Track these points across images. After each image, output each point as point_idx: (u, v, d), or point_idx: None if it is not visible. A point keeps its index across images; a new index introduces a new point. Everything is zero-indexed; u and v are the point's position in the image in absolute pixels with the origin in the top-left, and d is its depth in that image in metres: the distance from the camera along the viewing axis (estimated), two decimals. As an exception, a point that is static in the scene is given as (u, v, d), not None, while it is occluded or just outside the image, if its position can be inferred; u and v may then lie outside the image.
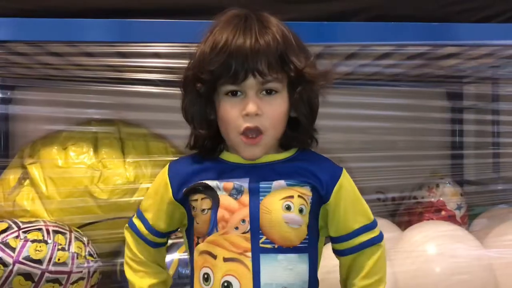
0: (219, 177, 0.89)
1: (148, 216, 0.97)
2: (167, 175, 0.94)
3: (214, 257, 0.87)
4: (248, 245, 0.86)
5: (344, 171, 0.94)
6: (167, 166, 0.96)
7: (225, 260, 0.86)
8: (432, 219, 1.74)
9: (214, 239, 0.87)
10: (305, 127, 0.92)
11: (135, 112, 1.65)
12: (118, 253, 1.51)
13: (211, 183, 0.89)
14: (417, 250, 1.43)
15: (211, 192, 0.89)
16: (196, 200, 0.90)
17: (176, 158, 0.99)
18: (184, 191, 0.91)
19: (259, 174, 0.89)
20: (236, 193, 0.88)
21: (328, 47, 1.36)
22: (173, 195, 0.93)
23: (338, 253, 0.97)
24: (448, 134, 2.09)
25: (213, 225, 0.88)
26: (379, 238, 0.96)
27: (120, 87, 1.48)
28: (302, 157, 0.94)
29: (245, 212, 0.87)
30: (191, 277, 0.93)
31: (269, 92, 0.87)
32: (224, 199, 0.88)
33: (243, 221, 0.87)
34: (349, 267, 0.95)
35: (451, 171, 1.97)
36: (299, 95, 0.89)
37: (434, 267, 1.38)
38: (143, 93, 1.48)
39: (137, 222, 0.99)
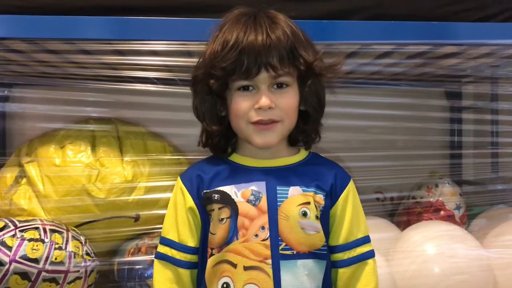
0: (234, 181, 0.90)
1: (173, 236, 0.94)
2: (182, 183, 0.93)
3: (234, 266, 0.87)
4: (268, 252, 0.86)
5: (351, 180, 0.95)
6: (178, 179, 0.95)
7: (246, 268, 0.86)
8: (431, 219, 1.73)
9: (234, 248, 0.87)
10: (314, 120, 0.93)
11: (133, 111, 1.64)
12: (115, 252, 1.51)
13: (229, 190, 0.89)
14: (416, 250, 1.43)
15: (228, 200, 0.88)
16: (213, 210, 0.90)
17: (185, 169, 0.98)
18: (203, 194, 0.90)
19: (275, 177, 0.89)
20: (254, 199, 0.88)
21: (328, 45, 1.36)
22: (192, 199, 0.92)
23: (338, 264, 0.95)
24: (447, 134, 2.09)
25: (233, 233, 0.87)
26: (373, 253, 0.97)
27: (118, 85, 1.47)
28: (315, 161, 0.95)
29: (264, 219, 0.87)
30: None
31: (280, 85, 0.89)
32: (243, 206, 0.88)
33: (263, 228, 0.87)
34: (348, 278, 0.94)
35: (450, 171, 1.97)
36: (309, 88, 0.91)
37: (433, 267, 1.38)
38: (141, 91, 1.48)
39: (163, 249, 0.95)
